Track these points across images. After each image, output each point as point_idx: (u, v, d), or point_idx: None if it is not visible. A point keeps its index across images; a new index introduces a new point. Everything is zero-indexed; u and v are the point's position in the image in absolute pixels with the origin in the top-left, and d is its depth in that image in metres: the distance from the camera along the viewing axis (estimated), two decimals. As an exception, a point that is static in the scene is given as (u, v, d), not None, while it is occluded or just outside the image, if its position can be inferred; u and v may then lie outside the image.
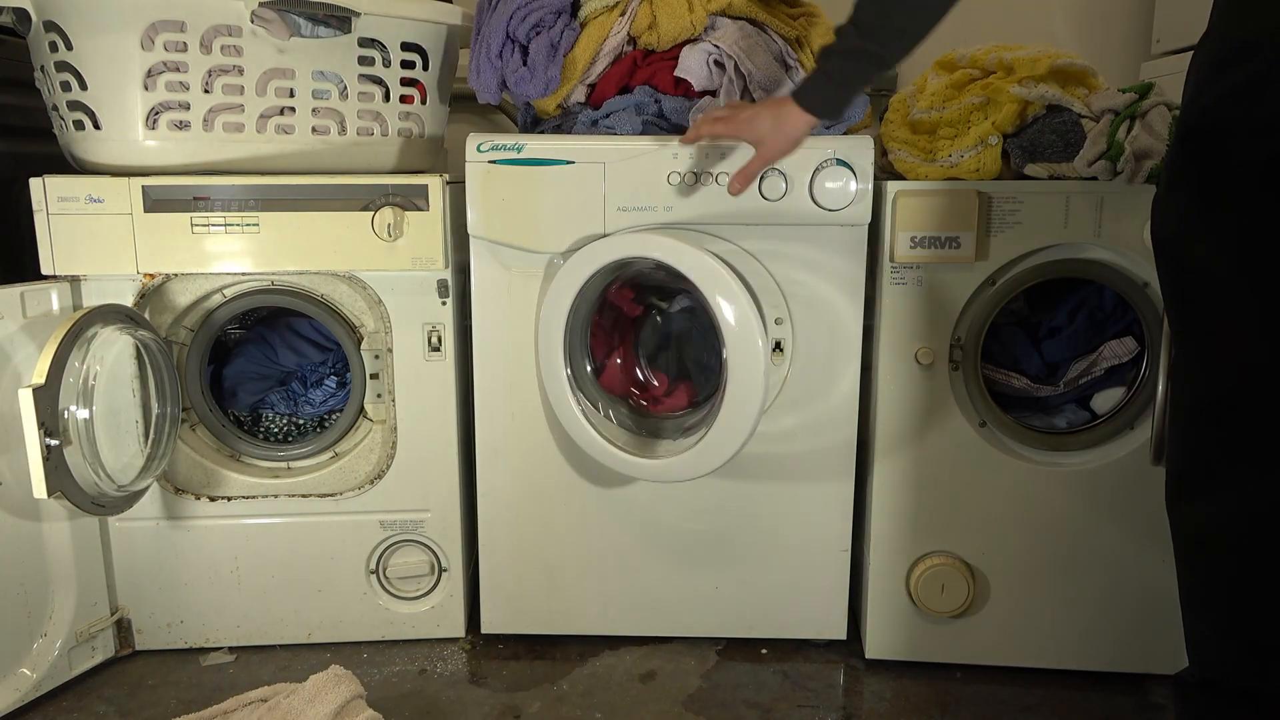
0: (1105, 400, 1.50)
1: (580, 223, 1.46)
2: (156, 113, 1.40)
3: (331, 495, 1.59)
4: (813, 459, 1.54)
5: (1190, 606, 0.96)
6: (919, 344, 1.45)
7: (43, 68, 1.43)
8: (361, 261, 1.48)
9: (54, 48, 1.38)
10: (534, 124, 1.64)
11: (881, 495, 1.52)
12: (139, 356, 1.48)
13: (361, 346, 1.56)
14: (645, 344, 1.67)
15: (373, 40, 1.47)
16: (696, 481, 1.55)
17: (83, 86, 1.39)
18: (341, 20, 1.42)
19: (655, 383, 1.66)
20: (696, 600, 1.61)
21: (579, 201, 1.45)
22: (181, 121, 1.41)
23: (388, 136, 1.54)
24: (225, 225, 1.45)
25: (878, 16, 1.13)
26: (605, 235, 1.46)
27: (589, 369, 1.55)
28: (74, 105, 1.41)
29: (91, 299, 1.47)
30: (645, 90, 1.50)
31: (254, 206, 1.44)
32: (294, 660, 1.59)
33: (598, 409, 1.53)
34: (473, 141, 1.45)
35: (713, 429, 1.37)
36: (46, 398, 1.26)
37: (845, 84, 1.20)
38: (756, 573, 1.59)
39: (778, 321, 1.50)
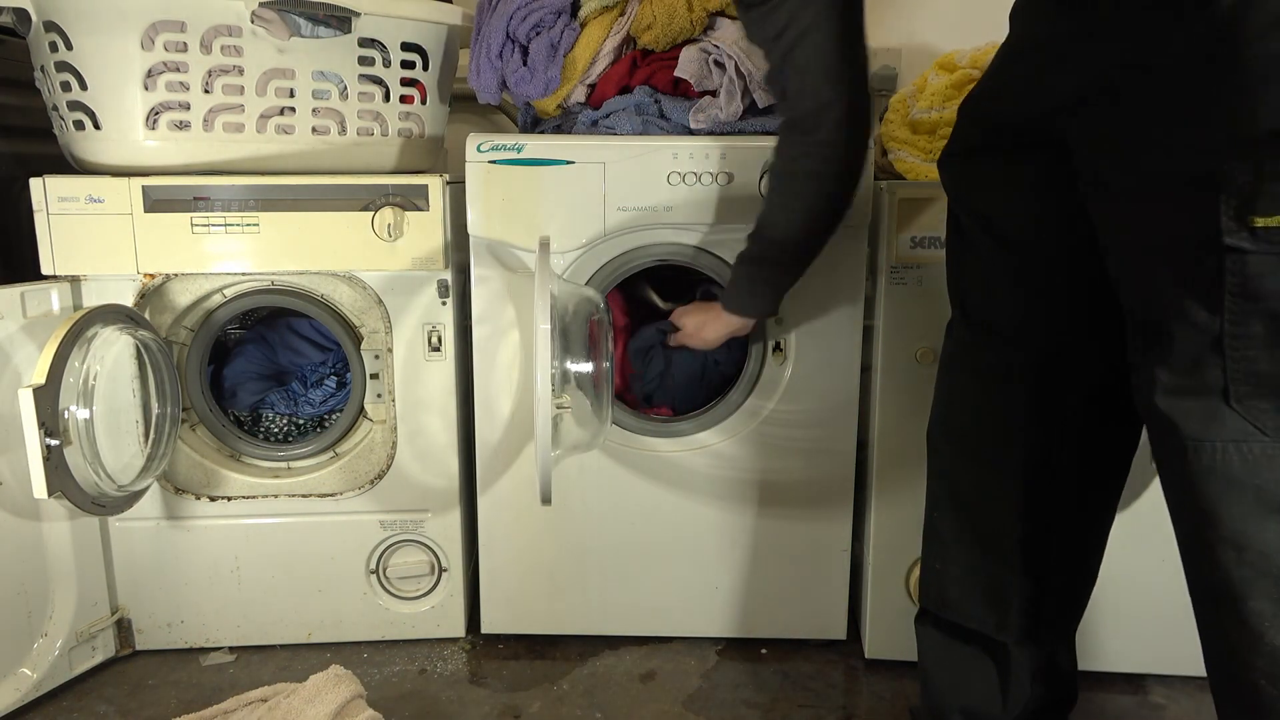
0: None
1: (580, 223, 1.46)
2: (156, 113, 1.40)
3: (331, 495, 1.59)
4: (813, 459, 1.54)
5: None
6: (919, 344, 1.45)
7: (43, 68, 1.43)
8: (361, 261, 1.48)
9: (54, 48, 1.38)
10: (534, 124, 1.64)
11: (881, 495, 1.52)
12: (139, 356, 1.48)
13: (361, 346, 1.56)
14: (641, 344, 1.66)
15: (373, 40, 1.47)
16: (696, 481, 1.56)
17: (83, 86, 1.39)
18: (341, 20, 1.42)
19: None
20: (696, 600, 1.61)
21: (579, 201, 1.45)
22: (181, 122, 1.41)
23: (388, 136, 1.54)
24: (225, 225, 1.45)
25: (759, 228, 1.23)
26: (605, 236, 1.46)
27: (589, 368, 1.55)
28: (74, 105, 1.41)
29: (91, 299, 1.47)
30: (645, 90, 1.50)
31: (254, 206, 1.45)
32: (294, 660, 1.59)
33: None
34: (473, 141, 1.45)
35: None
36: (47, 398, 1.26)
37: (757, 288, 1.30)
38: (756, 573, 1.59)
39: (778, 321, 1.50)
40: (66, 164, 1.50)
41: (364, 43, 1.46)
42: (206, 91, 1.40)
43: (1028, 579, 1.07)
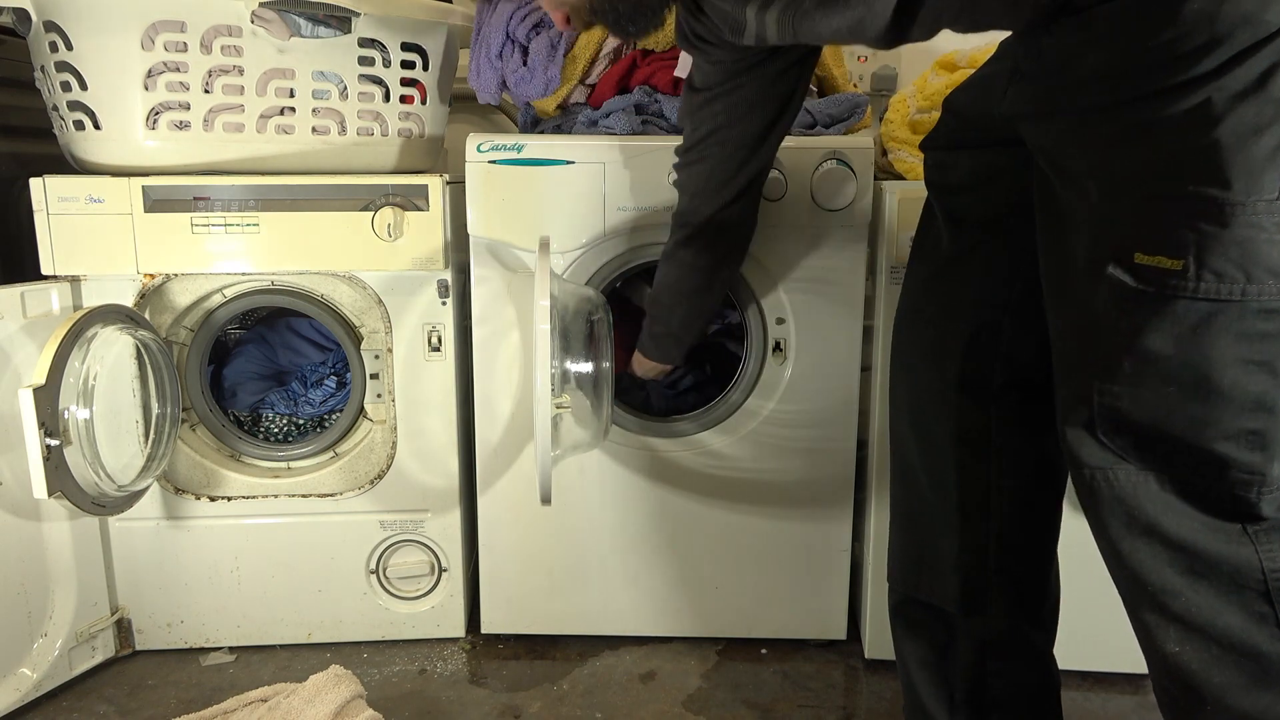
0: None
1: (580, 223, 1.46)
2: (157, 113, 1.40)
3: (331, 495, 1.59)
4: (813, 459, 1.54)
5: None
6: (919, 344, 1.45)
7: (43, 68, 1.43)
8: (361, 261, 1.48)
9: (54, 48, 1.38)
10: (534, 124, 1.64)
11: (881, 495, 1.52)
12: (139, 356, 1.48)
13: (361, 346, 1.56)
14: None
15: (373, 40, 1.47)
16: (696, 481, 1.56)
17: (83, 86, 1.39)
18: (341, 20, 1.42)
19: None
20: (696, 600, 1.61)
21: (579, 201, 1.45)
22: (181, 122, 1.41)
23: (388, 136, 1.54)
24: (225, 225, 1.45)
25: (653, 295, 1.37)
26: (605, 236, 1.46)
27: (589, 368, 1.55)
28: (74, 105, 1.41)
29: (91, 299, 1.47)
30: (645, 90, 1.50)
31: (254, 206, 1.45)
32: (294, 660, 1.59)
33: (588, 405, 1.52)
34: (473, 141, 1.45)
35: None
36: (46, 398, 1.26)
37: (660, 343, 1.41)
38: (756, 573, 1.59)
39: (779, 321, 1.50)
40: (66, 164, 1.50)
41: (364, 43, 1.46)
42: (206, 91, 1.40)
43: (966, 551, 1.08)
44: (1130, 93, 0.79)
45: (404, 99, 1.53)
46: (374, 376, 1.57)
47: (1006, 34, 0.97)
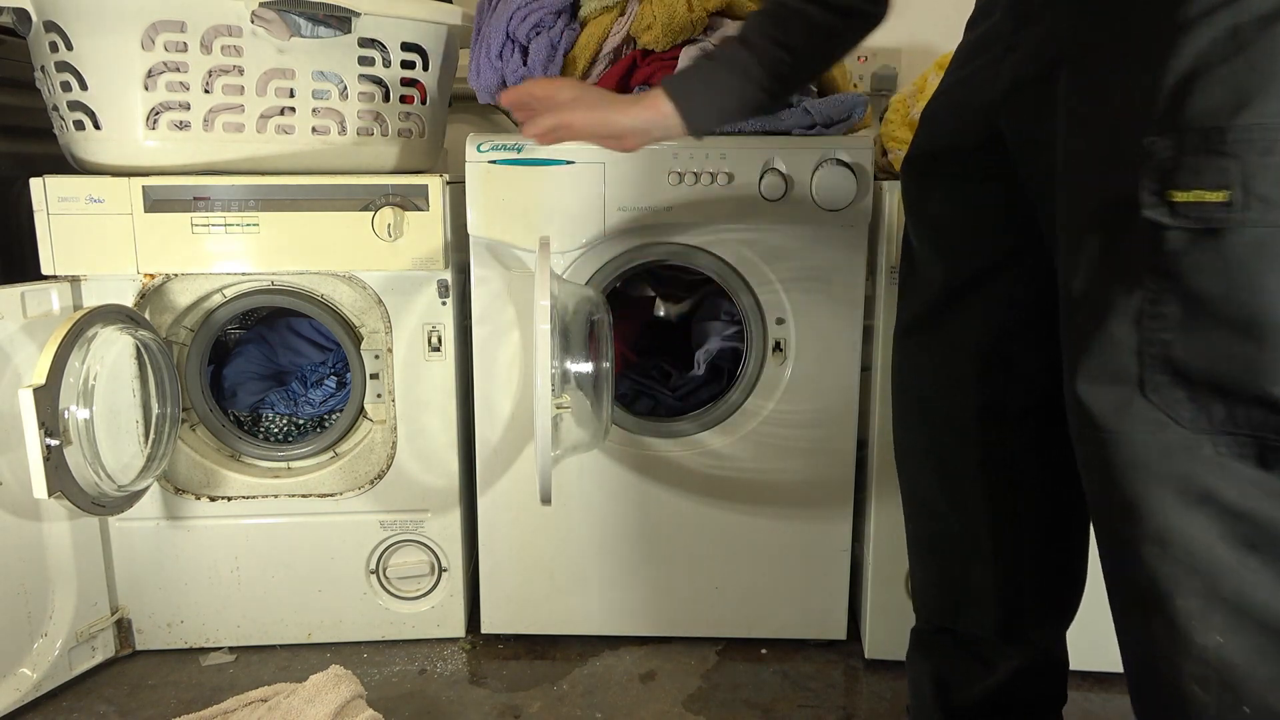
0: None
1: (580, 223, 1.46)
2: (157, 113, 1.40)
3: (331, 495, 1.59)
4: (813, 459, 1.54)
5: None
6: (919, 344, 1.45)
7: (43, 68, 1.43)
8: (361, 261, 1.48)
9: (54, 48, 1.38)
10: (534, 124, 1.64)
11: (881, 495, 1.52)
12: (139, 356, 1.48)
13: (361, 346, 1.56)
14: (645, 341, 1.67)
15: (373, 40, 1.47)
16: (697, 481, 1.56)
17: (83, 86, 1.39)
18: (341, 20, 1.42)
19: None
20: (696, 600, 1.61)
21: (579, 201, 1.45)
22: (182, 122, 1.41)
23: (388, 136, 1.54)
24: (225, 225, 1.45)
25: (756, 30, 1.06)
26: (605, 236, 1.46)
27: (589, 368, 1.55)
28: (74, 105, 1.41)
29: (91, 299, 1.47)
30: (645, 90, 1.50)
31: (254, 206, 1.45)
32: (294, 660, 1.59)
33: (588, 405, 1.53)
34: (473, 141, 1.45)
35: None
36: (46, 398, 1.26)
37: (721, 76, 1.06)
38: (756, 573, 1.59)
39: (778, 321, 1.50)
40: (66, 164, 1.50)
41: (364, 43, 1.46)
42: (206, 91, 1.40)
43: (1002, 579, 1.07)
44: (1144, 27, 0.75)
45: (404, 99, 1.53)
46: (374, 376, 1.57)
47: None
